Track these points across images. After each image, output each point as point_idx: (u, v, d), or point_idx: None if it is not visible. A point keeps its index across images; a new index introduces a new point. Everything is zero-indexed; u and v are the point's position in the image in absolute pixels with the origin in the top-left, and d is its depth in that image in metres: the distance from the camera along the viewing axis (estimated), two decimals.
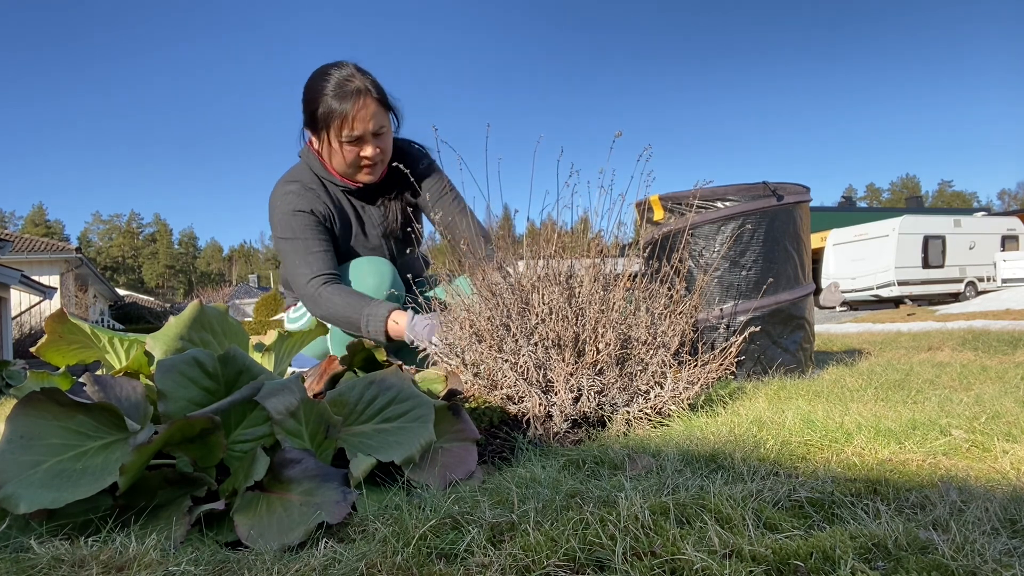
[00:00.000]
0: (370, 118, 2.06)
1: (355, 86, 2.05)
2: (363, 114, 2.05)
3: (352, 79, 2.06)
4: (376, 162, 2.14)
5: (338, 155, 2.12)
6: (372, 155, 2.11)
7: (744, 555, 0.78)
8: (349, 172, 2.17)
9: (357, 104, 2.04)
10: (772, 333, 2.33)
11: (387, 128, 2.14)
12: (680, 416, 1.61)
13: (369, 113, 2.06)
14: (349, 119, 2.04)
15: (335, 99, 2.04)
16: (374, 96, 2.07)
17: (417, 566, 0.80)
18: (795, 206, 2.41)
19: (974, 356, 2.93)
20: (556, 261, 1.73)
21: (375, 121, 2.08)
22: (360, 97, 2.04)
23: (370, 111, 2.06)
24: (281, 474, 1.05)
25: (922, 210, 36.21)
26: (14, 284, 13.91)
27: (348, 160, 2.12)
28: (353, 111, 2.04)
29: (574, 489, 1.05)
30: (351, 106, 2.04)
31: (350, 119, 2.04)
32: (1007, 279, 17.93)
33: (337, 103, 2.04)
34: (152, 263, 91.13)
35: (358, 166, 2.15)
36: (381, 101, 2.10)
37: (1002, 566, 0.73)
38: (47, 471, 0.95)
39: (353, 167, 2.15)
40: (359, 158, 2.12)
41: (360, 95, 2.05)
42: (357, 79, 2.06)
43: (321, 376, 1.45)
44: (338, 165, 2.16)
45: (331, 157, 2.15)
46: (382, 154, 2.14)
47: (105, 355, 1.46)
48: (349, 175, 2.18)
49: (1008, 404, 1.58)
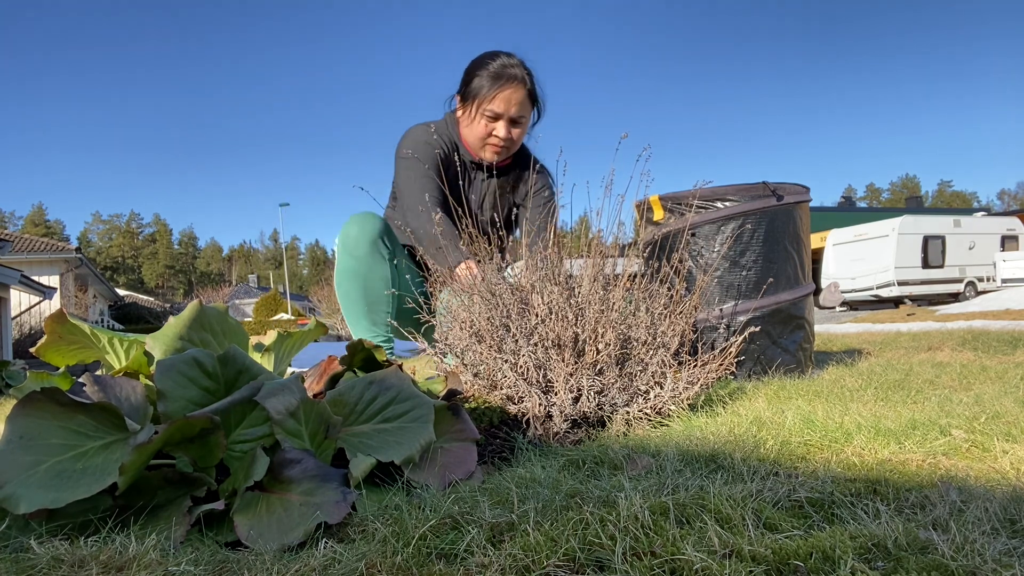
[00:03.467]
0: (515, 103, 2.28)
1: (513, 72, 2.27)
2: (512, 96, 2.27)
3: (514, 66, 2.28)
4: (504, 145, 2.34)
5: (475, 126, 2.32)
6: (503, 136, 2.31)
7: (744, 555, 0.78)
8: (477, 145, 2.37)
9: (510, 86, 2.26)
10: (772, 333, 2.33)
11: (526, 119, 2.35)
12: (680, 416, 1.61)
13: (517, 97, 2.27)
14: (497, 97, 2.26)
15: (492, 76, 2.27)
16: (526, 86, 2.29)
17: (417, 566, 0.80)
18: (795, 206, 2.40)
19: (974, 356, 2.93)
20: (555, 260, 1.72)
21: (519, 107, 2.29)
22: (514, 81, 2.27)
23: (518, 96, 2.27)
24: (281, 474, 1.05)
25: (922, 210, 36.22)
26: (14, 284, 13.90)
27: (481, 133, 2.32)
28: (504, 91, 2.26)
29: (574, 489, 1.05)
30: (503, 86, 2.26)
31: (499, 97, 2.26)
32: (1007, 279, 17.92)
33: (492, 79, 2.26)
34: (152, 263, 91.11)
35: (486, 142, 2.34)
36: (531, 93, 2.31)
37: (1002, 566, 0.73)
38: (47, 471, 0.95)
39: (482, 141, 2.35)
40: (491, 135, 2.32)
41: (514, 80, 2.27)
42: (518, 68, 2.29)
43: (321, 376, 1.45)
44: (471, 136, 2.36)
45: (468, 127, 2.35)
46: (512, 140, 2.34)
47: (105, 355, 1.46)
48: (476, 148, 2.38)
49: (1008, 404, 1.58)
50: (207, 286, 79.22)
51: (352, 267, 2.33)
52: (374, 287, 2.33)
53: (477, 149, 2.37)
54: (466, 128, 2.36)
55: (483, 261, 1.82)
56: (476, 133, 2.32)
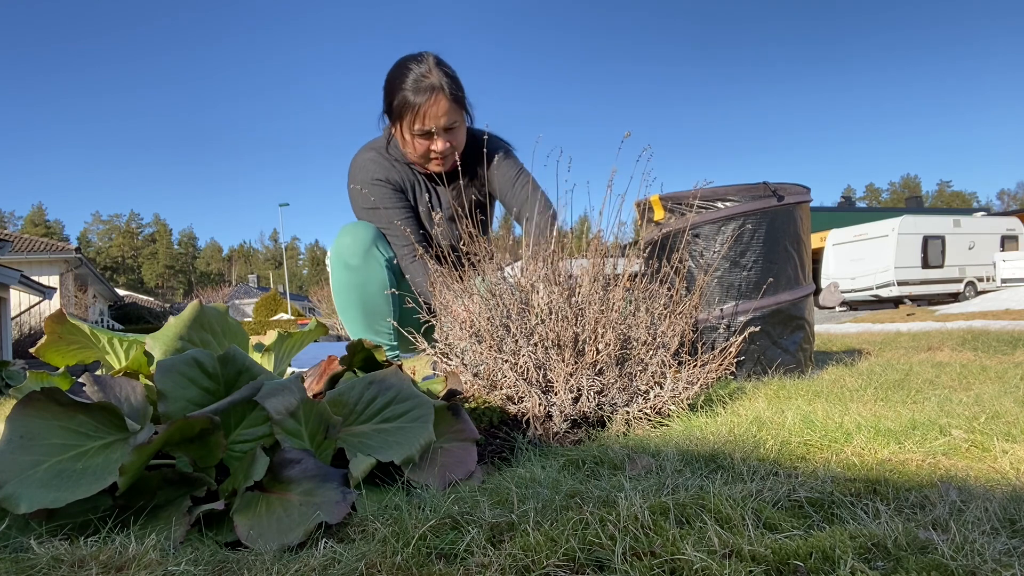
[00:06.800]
0: (442, 114, 2.17)
1: (429, 83, 2.15)
2: (434, 110, 2.16)
3: (428, 75, 2.17)
4: (446, 155, 2.26)
5: (409, 145, 2.25)
6: (442, 149, 2.23)
7: (744, 555, 0.78)
8: (421, 162, 2.30)
9: (429, 100, 2.14)
10: (772, 333, 2.33)
11: (459, 122, 2.25)
12: (680, 416, 1.61)
13: (441, 110, 2.17)
14: (421, 114, 2.16)
15: (411, 92, 2.15)
16: (447, 93, 2.17)
17: (417, 566, 0.80)
18: (795, 206, 2.41)
19: (974, 356, 2.93)
20: (555, 259, 1.72)
21: (447, 117, 2.19)
22: (433, 93, 2.14)
23: (442, 108, 2.17)
24: (281, 474, 1.05)
25: (922, 210, 36.21)
26: (14, 284, 13.89)
27: (419, 152, 2.25)
28: (425, 107, 2.15)
29: (574, 489, 1.05)
30: (423, 102, 2.14)
31: (422, 114, 2.16)
32: (1006, 279, 17.91)
33: (412, 96, 2.15)
34: (152, 263, 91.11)
35: (428, 158, 2.27)
36: (455, 98, 2.20)
37: (1002, 566, 0.73)
38: (47, 471, 0.95)
39: (423, 158, 2.27)
40: (429, 151, 2.24)
41: (433, 92, 2.14)
42: (433, 75, 2.17)
43: (321, 376, 1.45)
44: (410, 155, 2.29)
45: (404, 146, 2.28)
46: (452, 148, 2.26)
47: (105, 355, 1.46)
48: (421, 164, 2.31)
49: (1008, 404, 1.58)
50: (207, 286, 79.25)
51: (347, 278, 2.29)
52: (373, 295, 2.29)
53: (422, 165, 2.31)
54: (403, 147, 2.30)
55: (483, 261, 1.82)
56: (416, 152, 2.25)
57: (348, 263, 2.28)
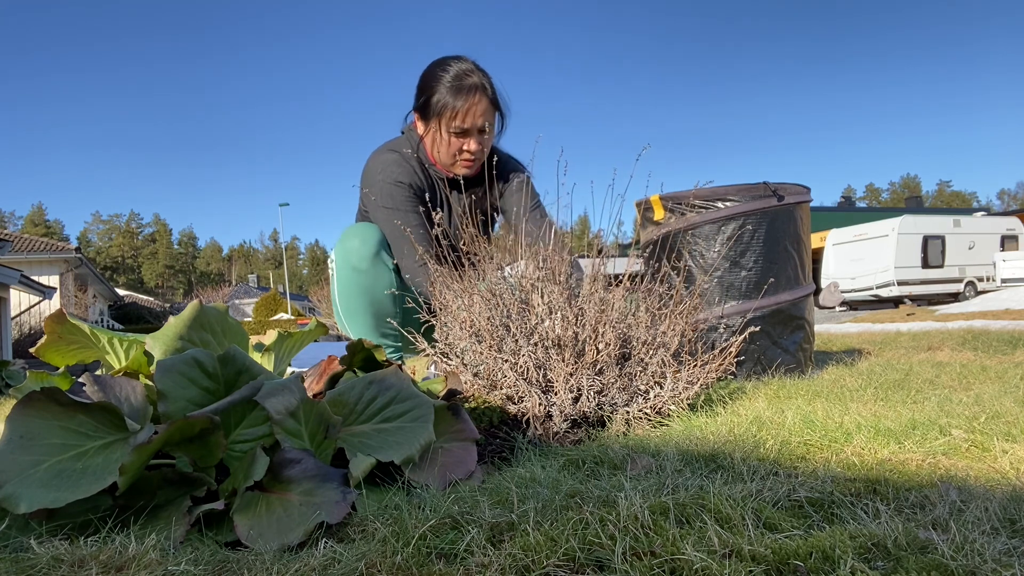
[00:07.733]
0: (481, 114, 2.17)
1: (472, 81, 2.16)
2: (475, 109, 2.15)
3: (471, 74, 2.17)
4: (476, 157, 2.25)
5: (443, 144, 2.22)
6: (474, 150, 2.22)
7: (744, 555, 0.78)
8: (447, 162, 2.27)
9: (472, 99, 2.14)
10: (772, 333, 2.33)
11: (493, 125, 2.24)
12: (680, 416, 1.61)
13: (481, 109, 2.16)
14: (461, 112, 2.15)
15: (452, 91, 2.14)
16: (488, 94, 2.17)
17: (417, 566, 0.80)
18: (796, 206, 2.41)
19: (974, 356, 2.93)
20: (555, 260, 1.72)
21: (484, 118, 2.18)
22: (476, 92, 2.15)
23: (482, 107, 2.17)
24: (281, 474, 1.05)
25: (922, 210, 36.20)
26: (13, 284, 13.89)
27: (451, 151, 2.22)
28: (467, 105, 2.14)
29: (574, 489, 1.05)
30: (465, 100, 2.14)
31: (462, 112, 2.15)
32: (1006, 279, 17.92)
33: (453, 95, 2.14)
34: (152, 263, 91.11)
35: (456, 158, 2.25)
36: (493, 100, 2.20)
37: (1002, 566, 0.73)
38: (47, 471, 0.95)
39: (453, 158, 2.25)
40: (461, 151, 2.22)
41: (476, 91, 2.15)
42: (475, 75, 2.17)
43: (321, 376, 1.45)
44: (439, 154, 2.26)
45: (434, 145, 2.25)
46: (482, 151, 2.24)
47: (105, 355, 1.46)
48: (447, 165, 2.29)
49: (1008, 404, 1.58)
50: (207, 286, 79.23)
51: (356, 280, 2.26)
52: (380, 298, 2.27)
53: (448, 165, 2.28)
54: (432, 146, 2.26)
55: (483, 261, 1.82)
56: (447, 151, 2.22)
57: (357, 266, 2.25)
